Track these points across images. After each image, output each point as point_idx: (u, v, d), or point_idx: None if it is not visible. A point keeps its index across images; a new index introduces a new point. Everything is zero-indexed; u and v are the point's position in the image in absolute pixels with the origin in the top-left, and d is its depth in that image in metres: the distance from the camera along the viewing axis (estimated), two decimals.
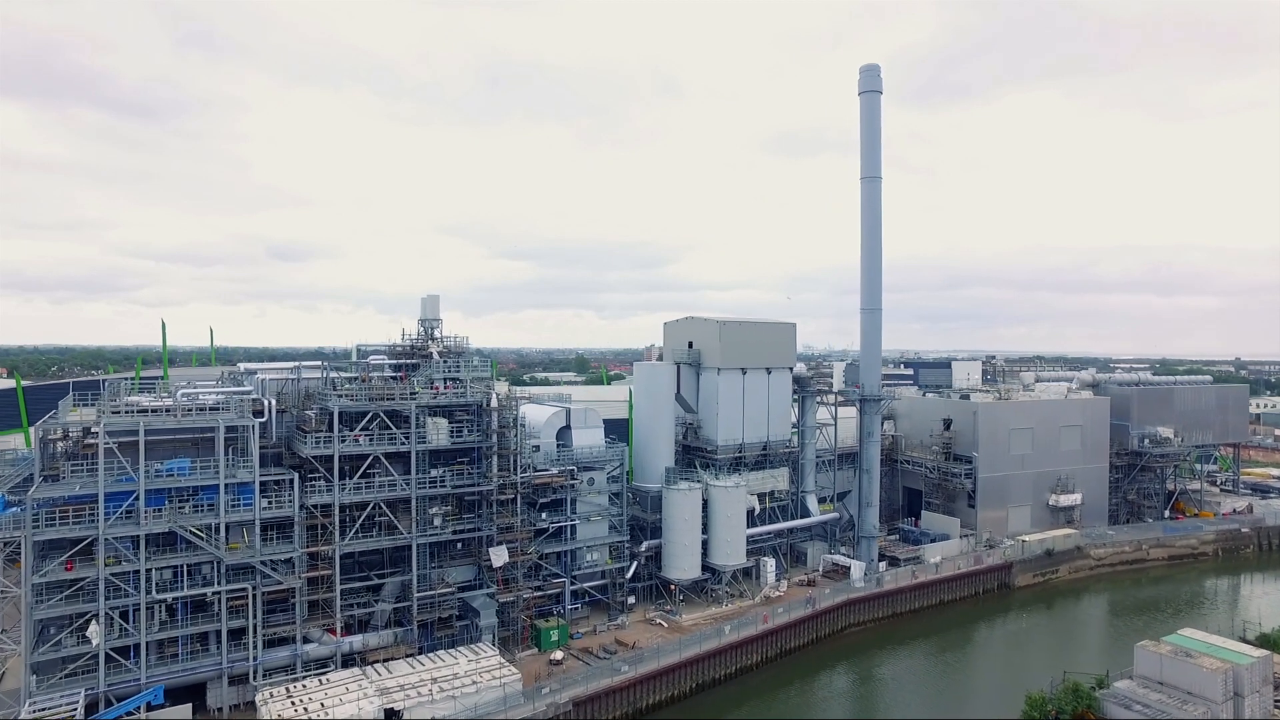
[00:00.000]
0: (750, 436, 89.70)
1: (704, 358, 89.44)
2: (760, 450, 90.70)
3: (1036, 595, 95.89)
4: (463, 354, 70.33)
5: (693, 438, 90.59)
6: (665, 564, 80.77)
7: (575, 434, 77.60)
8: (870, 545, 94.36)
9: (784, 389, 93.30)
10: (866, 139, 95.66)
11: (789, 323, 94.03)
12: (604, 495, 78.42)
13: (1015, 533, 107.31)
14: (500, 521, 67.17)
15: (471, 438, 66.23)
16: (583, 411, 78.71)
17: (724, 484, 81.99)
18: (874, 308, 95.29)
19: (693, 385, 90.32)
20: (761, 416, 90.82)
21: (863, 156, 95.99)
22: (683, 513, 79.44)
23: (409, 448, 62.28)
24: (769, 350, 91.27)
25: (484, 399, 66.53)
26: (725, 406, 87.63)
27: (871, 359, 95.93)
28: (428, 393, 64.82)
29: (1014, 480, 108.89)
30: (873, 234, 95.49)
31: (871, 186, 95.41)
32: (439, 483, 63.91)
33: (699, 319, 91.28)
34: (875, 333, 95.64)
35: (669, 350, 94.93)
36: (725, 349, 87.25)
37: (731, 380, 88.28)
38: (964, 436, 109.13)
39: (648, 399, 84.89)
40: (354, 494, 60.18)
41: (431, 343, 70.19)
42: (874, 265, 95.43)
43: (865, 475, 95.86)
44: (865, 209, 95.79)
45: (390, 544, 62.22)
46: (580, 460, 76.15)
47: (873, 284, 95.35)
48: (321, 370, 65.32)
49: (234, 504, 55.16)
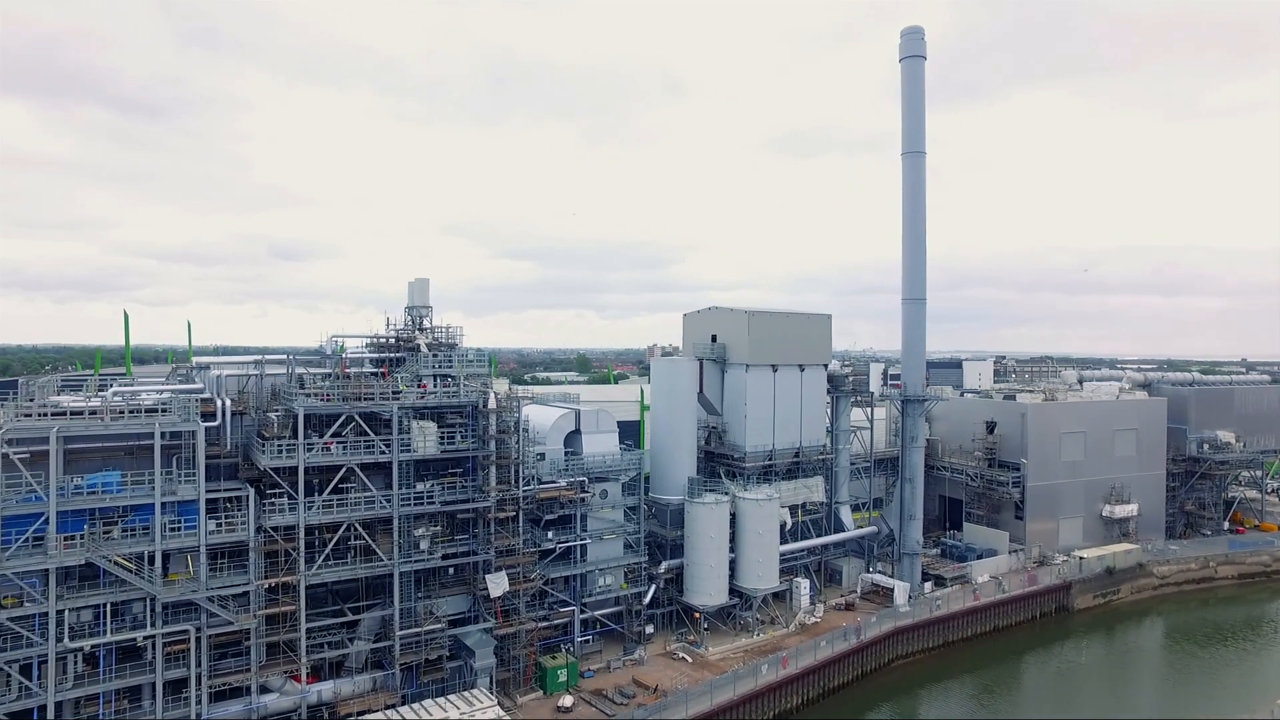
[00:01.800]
0: (781, 442, 79.68)
1: (730, 353, 79.39)
2: (792, 457, 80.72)
3: (1098, 619, 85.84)
4: (456, 347, 60.35)
5: (716, 443, 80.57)
6: (688, 588, 70.76)
7: (586, 439, 67.59)
8: (914, 564, 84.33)
9: (818, 388, 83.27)
10: (908, 109, 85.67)
11: (824, 314, 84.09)
12: (619, 510, 68.48)
13: (1066, 547, 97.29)
14: (499, 543, 57.17)
15: (465, 445, 56.23)
16: (594, 413, 68.71)
17: (755, 496, 72.01)
18: (917, 298, 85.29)
19: (716, 384, 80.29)
20: (794, 419, 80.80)
21: (904, 129, 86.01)
22: (708, 529, 69.46)
23: (390, 457, 52.27)
24: (802, 345, 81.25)
25: (480, 399, 56.54)
26: (754, 408, 77.60)
27: (914, 355, 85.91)
28: (414, 391, 54.86)
29: (1065, 489, 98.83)
30: (915, 217, 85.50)
31: (914, 163, 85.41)
32: (426, 498, 53.92)
33: (724, 309, 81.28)
34: (918, 326, 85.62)
35: (688, 345, 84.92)
36: (754, 343, 77.22)
37: (761, 378, 78.26)
38: (1010, 441, 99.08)
39: (667, 399, 74.87)
40: (323, 513, 50.16)
41: (419, 334, 60.21)
42: (917, 252, 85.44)
43: (908, 485, 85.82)
44: (907, 188, 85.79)
45: (367, 572, 52.20)
46: (592, 470, 66.18)
47: (916, 272, 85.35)
48: (287, 365, 55.30)
49: (174, 527, 45.16)
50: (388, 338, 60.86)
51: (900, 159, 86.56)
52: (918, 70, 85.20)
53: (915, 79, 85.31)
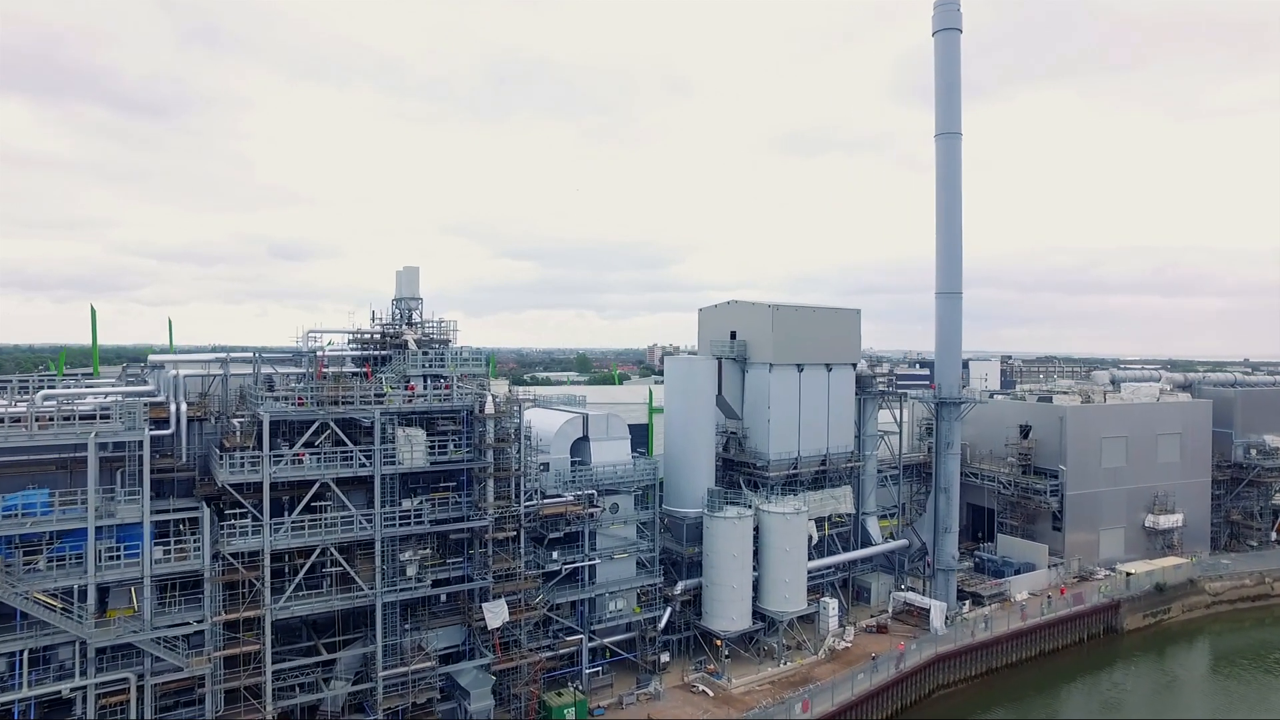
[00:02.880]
0: (807, 448, 72.59)
1: (751, 351, 72.31)
2: (819, 465, 73.67)
3: (1149, 640, 78.92)
4: (448, 344, 53.31)
5: (736, 450, 73.51)
6: (707, 611, 63.75)
7: (594, 447, 60.61)
8: (949, 581, 77.37)
9: (846, 390, 76.19)
10: (943, 87, 78.69)
11: (852, 308, 77.07)
12: (631, 525, 61.51)
13: (1107, 560, 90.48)
14: (498, 567, 50.17)
15: (459, 455, 49.20)
16: (604, 418, 61.71)
17: (782, 510, 65.02)
18: (953, 291, 78.30)
19: (736, 385, 73.21)
20: (820, 423, 73.74)
21: (938, 108, 79.04)
22: (730, 546, 62.46)
23: (371, 471, 45.20)
24: (830, 342, 74.19)
25: (476, 403, 49.51)
26: (778, 411, 70.52)
27: (950, 354, 78.96)
28: (400, 394, 47.82)
29: (1106, 498, 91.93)
30: (951, 204, 78.53)
31: (949, 145, 78.44)
32: (414, 517, 46.87)
33: (745, 304, 74.18)
34: (954, 322, 78.65)
35: (704, 342, 77.84)
36: (779, 341, 70.15)
37: (785, 379, 71.19)
38: (1047, 446, 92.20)
39: (682, 402, 67.81)
40: (293, 536, 43.11)
41: (407, 329, 53.16)
42: (953, 242, 78.46)
43: (942, 495, 78.83)
44: (942, 172, 78.82)
45: (345, 605, 45.17)
46: (603, 481, 59.19)
47: (951, 264, 78.37)
48: (253, 363, 48.18)
49: (112, 555, 38.15)
50: (371, 333, 53.81)
51: (934, 141, 79.65)
52: (953, 44, 78.28)
53: (950, 54, 78.38)
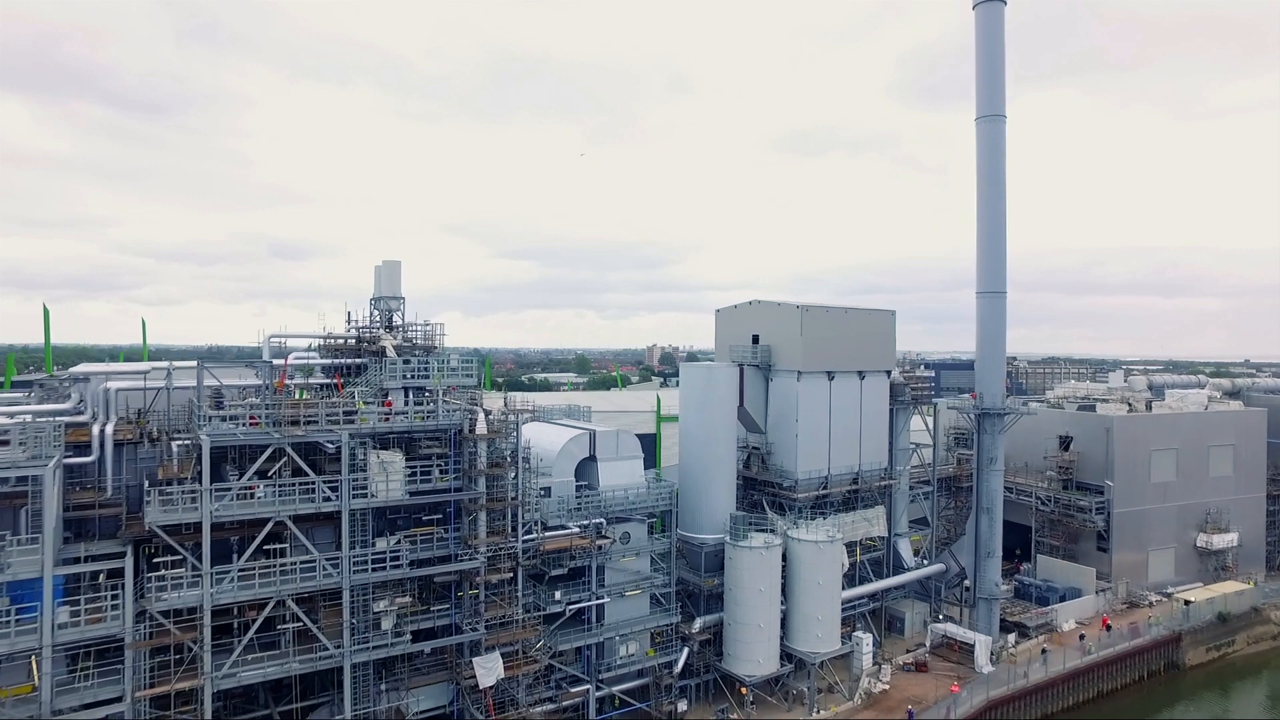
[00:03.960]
0: (838, 465, 65.06)
1: (777, 357, 64.69)
2: (850, 483, 66.14)
3: (1213, 677, 71.42)
4: (434, 350, 45.67)
5: (759, 467, 65.91)
6: (729, 652, 56.22)
7: (603, 469, 53.00)
8: (992, 611, 69.96)
9: (880, 400, 68.64)
10: (985, 64, 71.17)
11: (887, 310, 69.48)
12: (644, 557, 53.94)
13: (1157, 584, 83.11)
14: (491, 615, 42.56)
15: (445, 483, 41.59)
16: (613, 435, 54.04)
17: (814, 537, 57.45)
18: (996, 291, 70.80)
19: (759, 395, 65.62)
20: (852, 438, 66.19)
21: (980, 88, 71.53)
22: (756, 579, 54.92)
23: (338, 505, 37.55)
24: (863, 347, 66.63)
25: (465, 421, 41.88)
26: (807, 425, 62.95)
27: (993, 360, 71.45)
28: (374, 411, 40.20)
29: (1155, 516, 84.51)
30: (994, 195, 71.00)
31: (992, 129, 70.91)
32: (390, 560, 39.23)
33: (769, 304, 66.46)
34: (997, 324, 71.15)
35: (723, 346, 70.23)
36: (809, 345, 62.55)
37: (815, 389, 63.62)
38: (1091, 459, 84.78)
39: (700, 415, 60.19)
40: (241, 588, 35.47)
41: (385, 333, 45.51)
42: (996, 236, 70.95)
43: (985, 516, 71.46)
44: (984, 160, 71.30)
45: (305, 668, 37.52)
46: (612, 508, 51.60)
47: (994, 261, 70.86)
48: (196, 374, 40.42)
49: (4, 617, 30.49)
50: (345, 338, 46.15)
51: (974, 125, 72.19)
52: (995, 17, 70.76)
53: (993, 27, 70.87)
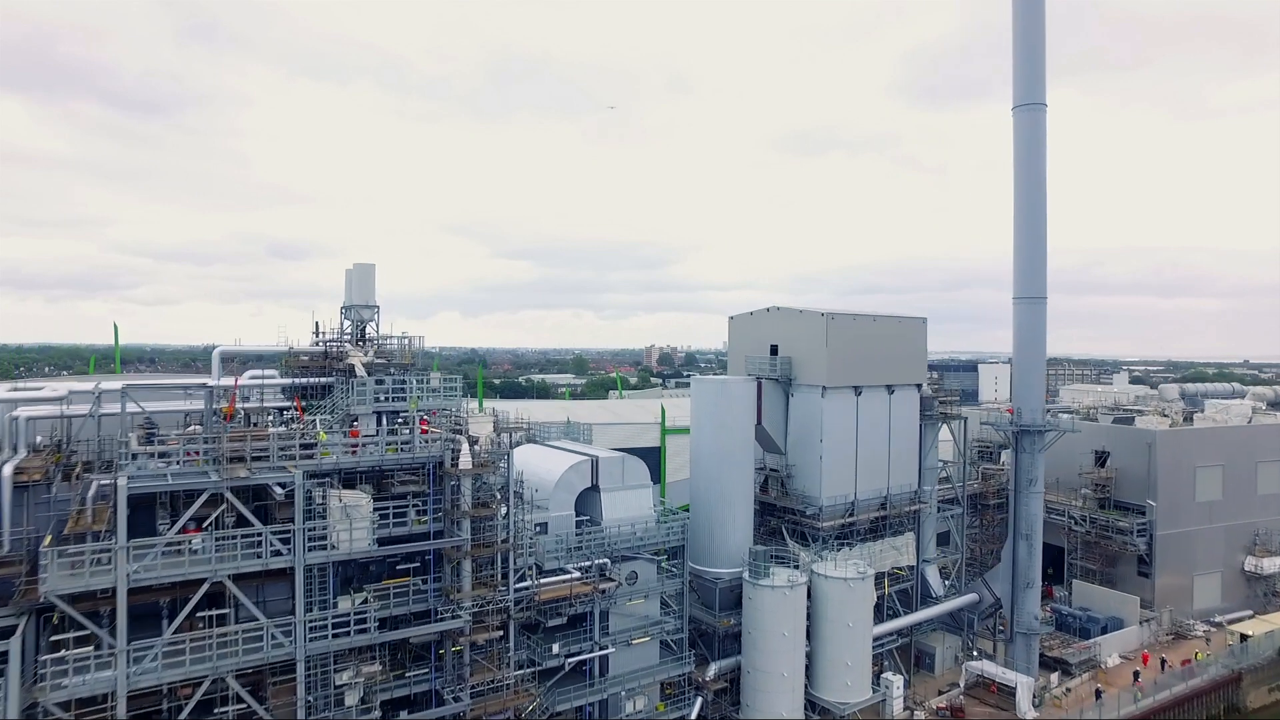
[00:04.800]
0: (865, 489, 58.84)
1: (798, 370, 58.33)
2: (877, 508, 59.93)
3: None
4: (412, 368, 39.31)
5: (778, 492, 59.63)
6: (748, 702, 49.97)
7: (606, 500, 46.66)
8: (1031, 647, 63.68)
9: (910, 416, 62.39)
10: (1024, 44, 64.76)
11: (917, 317, 63.30)
12: (654, 598, 47.66)
13: (1203, 612, 76.95)
14: (478, 680, 36.23)
15: (422, 525, 35.28)
16: (618, 461, 47.64)
17: (843, 573, 51.20)
18: (1035, 296, 64.35)
19: (779, 412, 59.32)
20: (880, 458, 59.96)
21: (1017, 73, 65.13)
22: (779, 622, 48.68)
23: (290, 561, 31.19)
24: (892, 358, 60.41)
25: (447, 453, 35.55)
26: (833, 445, 56.66)
27: (1032, 373, 65.00)
28: (339, 443, 33.86)
29: (1200, 538, 78.33)
30: (1033, 191, 64.59)
31: (1031, 119, 64.46)
32: (354, 623, 32.86)
33: (790, 310, 60.03)
34: (1037, 333, 64.71)
35: (736, 356, 63.89)
36: (835, 357, 56.24)
37: (841, 405, 57.33)
38: (1131, 477, 78.55)
39: (715, 435, 53.94)
40: (168, 665, 29.10)
41: (355, 348, 39.15)
42: (1035, 236, 64.54)
43: (1023, 543, 65.05)
44: (1022, 153, 64.86)
45: None
46: (617, 545, 45.29)
47: (1034, 263, 64.42)
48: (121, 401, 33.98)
49: None
50: (308, 352, 39.79)
51: (1011, 115, 65.86)
52: None
53: (1032, 7, 64.56)
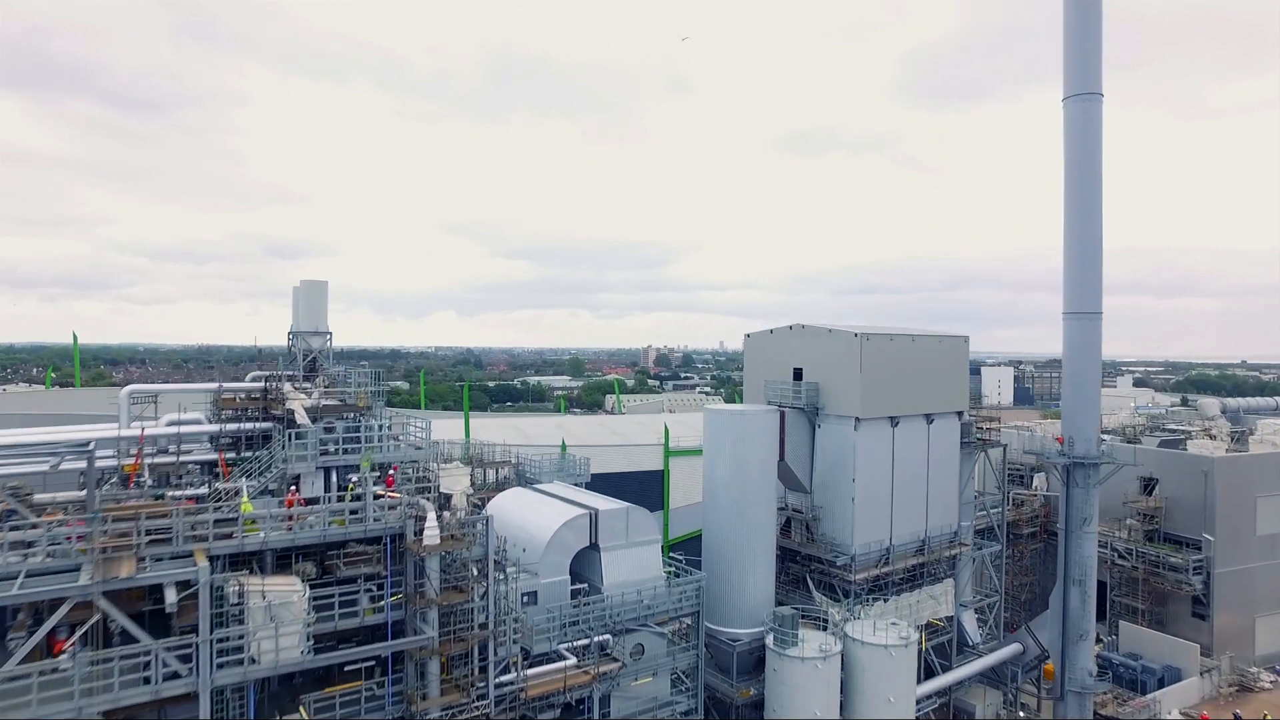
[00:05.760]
0: (902, 533, 51.44)
1: (827, 398, 50.76)
2: (914, 553, 52.55)
3: None
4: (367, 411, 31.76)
5: (802, 536, 52.17)
6: None
7: (608, 560, 39.14)
8: (1084, 706, 56.50)
9: (950, 448, 54.99)
10: (1076, 32, 57.52)
11: (959, 335, 55.92)
12: (664, 675, 40.22)
13: (1267, 658, 69.72)
14: None
15: (375, 615, 27.79)
16: (622, 514, 40.10)
17: (883, 639, 43.80)
18: (1089, 312, 57.20)
19: (803, 445, 51.83)
20: (918, 497, 52.57)
21: (1068, 61, 57.84)
22: (809, 700, 41.34)
23: (193, 684, 23.63)
24: (933, 382, 53.02)
25: (409, 524, 28.06)
26: (866, 484, 49.19)
27: (1086, 397, 57.81)
28: (271, 514, 26.35)
29: (1262, 575, 70.93)
30: (1087, 191, 57.38)
31: (1085, 112, 57.23)
32: None
33: (816, 329, 52.36)
34: (1091, 353, 57.55)
35: (753, 380, 56.33)
36: (870, 383, 48.70)
37: (876, 438, 49.86)
38: (1184, 508, 71.25)
39: (732, 474, 46.53)
40: None
41: (294, 389, 31.60)
42: (1089, 243, 57.28)
43: (1075, 589, 57.86)
44: (1075, 148, 57.57)
45: None
46: (621, 616, 37.87)
47: (1087, 273, 57.17)
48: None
49: None
50: (241, 391, 32.26)
51: (1061, 106, 58.64)
52: None
53: None
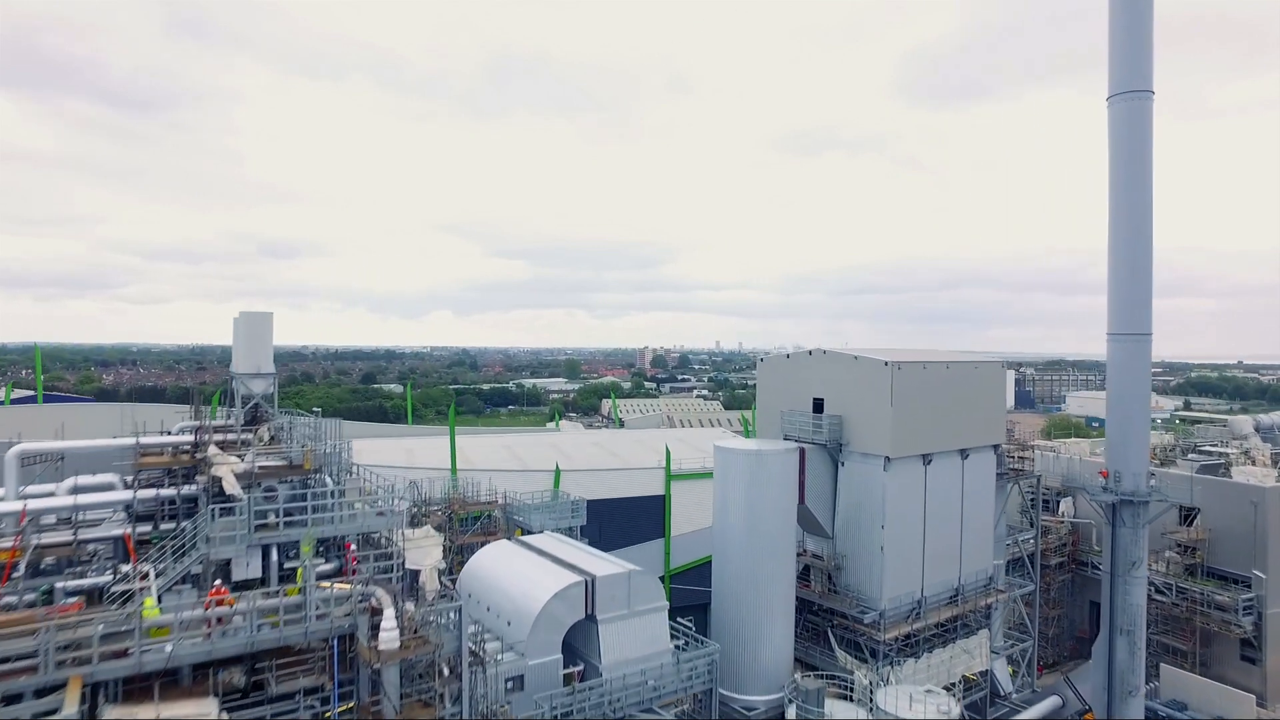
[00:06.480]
0: (933, 582, 45.95)
1: (852, 433, 45.08)
2: (947, 602, 47.06)
3: None
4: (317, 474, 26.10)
5: (823, 586, 46.59)
6: None
7: (607, 634, 33.60)
8: None
9: (985, 485, 49.51)
10: (1123, 21, 52.19)
11: (994, 361, 50.40)
12: None
13: None
14: None
15: None
16: (623, 579, 34.48)
17: (920, 713, 38.27)
18: (1137, 333, 51.80)
19: (825, 485, 46.26)
20: (951, 541, 47.08)
21: (1114, 56, 52.52)
22: None
23: None
24: (969, 414, 47.46)
25: (360, 623, 22.45)
26: (896, 530, 43.65)
27: (1132, 427, 52.38)
28: (182, 616, 20.72)
29: None
30: (1135, 198, 51.99)
31: (1134, 111, 51.82)
32: None
33: (840, 356, 46.59)
34: (1138, 380, 52.10)
35: (767, 410, 50.63)
36: (902, 419, 43.08)
37: (907, 478, 44.31)
38: (1230, 540, 65.79)
39: (745, 521, 41.00)
40: None
41: (220, 452, 25.94)
42: (1138, 257, 51.83)
43: (1122, 640, 52.51)
44: (1122, 151, 52.19)
45: None
46: (623, 701, 32.33)
47: (1135, 290, 51.73)
48: None
49: None
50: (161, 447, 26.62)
51: (1106, 106, 53.29)
52: None
53: None
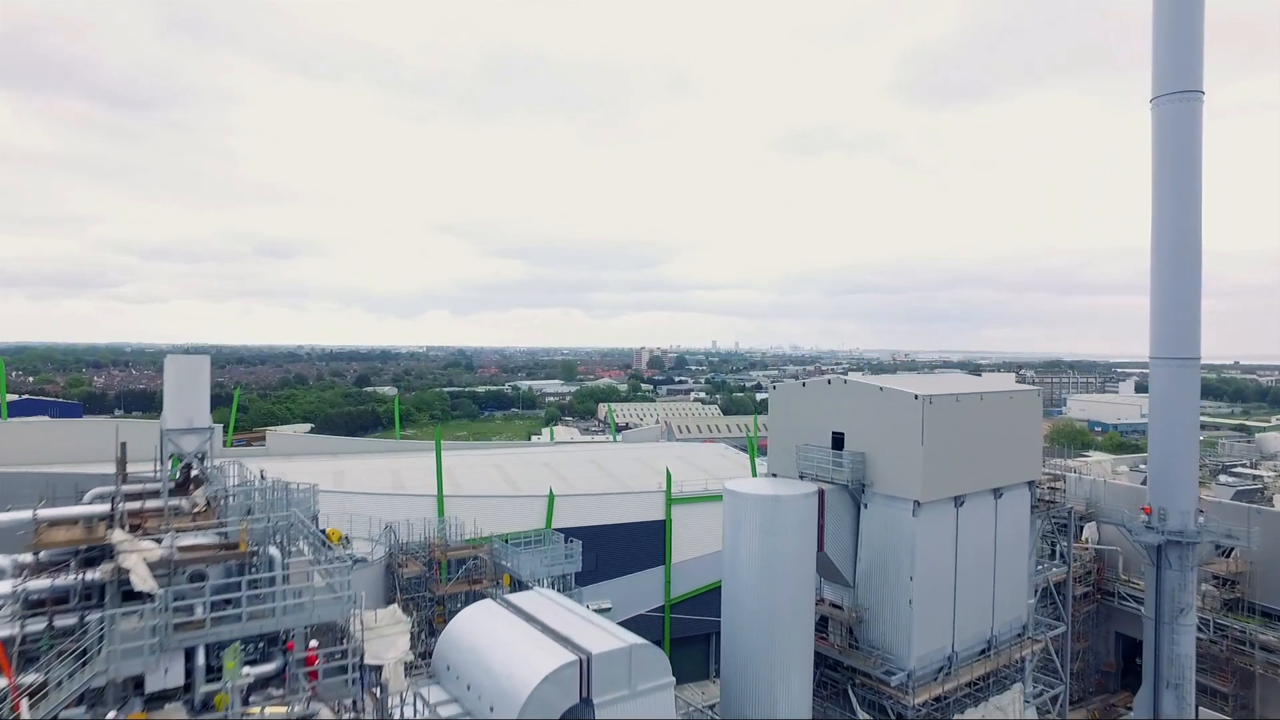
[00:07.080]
0: (965, 635, 41.57)
1: (876, 474, 40.59)
2: (978, 655, 42.70)
3: None
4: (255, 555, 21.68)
5: (842, 640, 42.20)
6: None
7: (606, 714, 29.33)
8: None
9: (1020, 526, 45.09)
10: (1169, 17, 47.83)
11: (1028, 389, 45.90)
12: None
13: None
14: None
15: None
16: (623, 654, 30.12)
17: None
18: (1185, 358, 47.45)
19: (845, 530, 41.84)
20: (984, 589, 42.68)
21: (1158, 55, 48.22)
22: None
23: None
24: (1004, 449, 43.01)
25: None
26: (926, 580, 39.27)
27: (1178, 461, 48.09)
28: None
29: None
30: (1182, 205, 47.72)
31: (1180, 113, 47.51)
32: None
33: (864, 386, 41.97)
34: (1186, 408, 47.85)
35: (779, 444, 46.00)
36: (934, 459, 38.60)
37: (937, 523, 39.88)
38: (1274, 573, 61.47)
39: (759, 571, 36.68)
40: None
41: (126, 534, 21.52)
42: (1185, 271, 47.56)
43: (1169, 694, 48.14)
44: (1167, 157, 47.93)
45: None
46: None
47: (1183, 310, 47.45)
48: None
49: None
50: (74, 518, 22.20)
51: (1150, 108, 48.91)
52: None
53: None
